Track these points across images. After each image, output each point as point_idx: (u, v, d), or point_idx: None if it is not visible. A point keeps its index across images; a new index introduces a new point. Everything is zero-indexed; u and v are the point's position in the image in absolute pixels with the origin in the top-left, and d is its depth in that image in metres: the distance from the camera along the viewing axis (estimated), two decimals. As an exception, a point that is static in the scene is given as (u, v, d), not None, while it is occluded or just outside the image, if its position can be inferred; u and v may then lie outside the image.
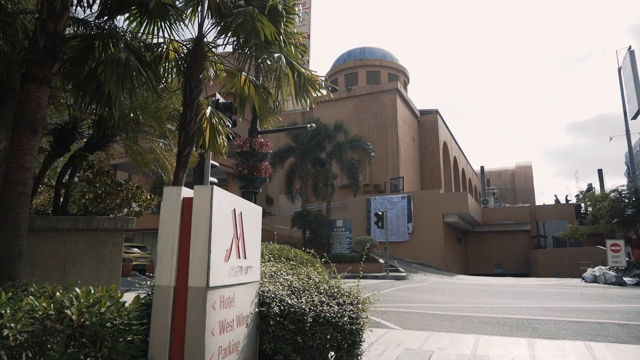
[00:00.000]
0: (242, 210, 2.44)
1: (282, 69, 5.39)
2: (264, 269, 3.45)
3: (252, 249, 2.58)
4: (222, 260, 2.15)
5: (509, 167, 68.67)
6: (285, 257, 4.70)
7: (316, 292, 3.09)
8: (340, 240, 26.21)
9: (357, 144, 27.79)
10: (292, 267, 3.99)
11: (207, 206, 2.04)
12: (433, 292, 13.44)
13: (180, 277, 2.04)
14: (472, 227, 38.80)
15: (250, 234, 2.59)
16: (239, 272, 2.36)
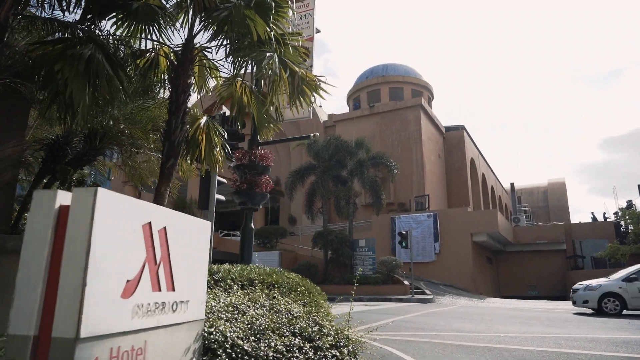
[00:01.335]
0: (166, 226, 1.81)
1: (274, 68, 4.81)
2: (231, 299, 2.78)
3: (187, 278, 1.94)
4: (117, 295, 1.52)
5: (541, 184, 66.14)
6: (274, 283, 4.02)
7: (289, 332, 2.39)
8: (363, 261, 25.25)
9: (379, 160, 27.00)
10: (274, 296, 3.31)
11: (87, 218, 1.42)
12: (460, 317, 12.39)
13: (45, 323, 1.41)
14: (503, 246, 37.03)
15: (186, 258, 1.95)
16: (158, 311, 1.72)
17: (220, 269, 4.12)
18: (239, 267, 4.31)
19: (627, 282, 13.41)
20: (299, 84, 5.21)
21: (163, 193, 4.91)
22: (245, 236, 6.32)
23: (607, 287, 13.69)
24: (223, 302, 2.73)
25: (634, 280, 13.33)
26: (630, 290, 13.17)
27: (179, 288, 1.87)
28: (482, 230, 29.73)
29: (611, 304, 13.45)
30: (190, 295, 1.95)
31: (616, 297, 13.42)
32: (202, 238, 2.11)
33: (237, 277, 3.95)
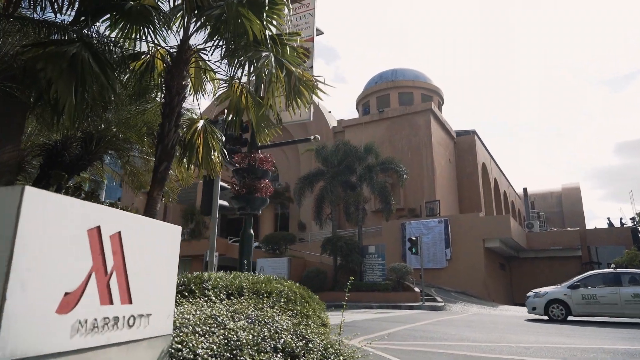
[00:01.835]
0: (121, 230, 1.61)
1: (270, 68, 4.62)
2: (212, 311, 2.58)
3: (149, 289, 1.74)
4: (50, 310, 1.33)
5: (554, 189, 65.07)
6: (268, 292, 3.81)
7: (270, 348, 2.17)
8: (372, 268, 24.90)
9: (389, 166, 26.70)
10: (262, 307, 3.09)
11: (11, 221, 1.23)
12: (471, 326, 12.03)
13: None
14: (517, 252, 36.34)
15: (148, 266, 1.75)
16: (108, 327, 1.52)
17: (211, 276, 3.92)
18: (231, 274, 4.11)
19: (572, 290, 13.89)
20: (296, 84, 5.02)
21: (155, 198, 4.74)
22: (244, 242, 6.12)
23: (553, 294, 14.22)
24: (205, 313, 2.53)
25: (578, 288, 13.81)
26: (575, 297, 13.68)
27: (137, 300, 1.67)
28: (494, 236, 29.20)
29: (557, 310, 13.96)
30: (152, 308, 1.75)
31: (561, 303, 13.93)
32: (169, 244, 1.91)
33: (227, 285, 3.74)
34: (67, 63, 3.72)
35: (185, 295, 3.51)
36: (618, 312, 13.13)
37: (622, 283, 13.35)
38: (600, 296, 13.32)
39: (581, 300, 13.59)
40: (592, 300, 13.42)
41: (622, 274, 13.77)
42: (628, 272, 13.98)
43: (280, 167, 42.98)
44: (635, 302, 12.80)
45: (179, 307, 2.65)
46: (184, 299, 3.18)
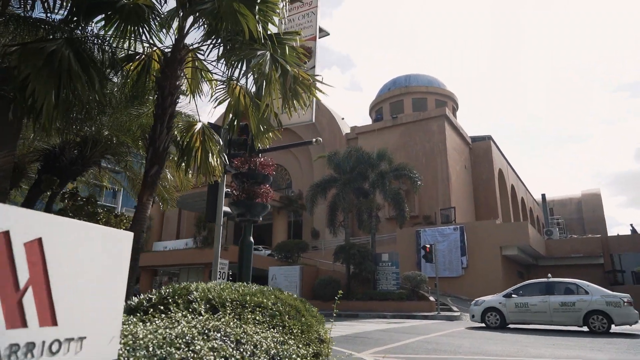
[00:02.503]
0: (42, 236, 1.35)
1: (264, 67, 4.37)
2: (180, 330, 2.29)
3: (84, 306, 1.47)
4: None
5: (574, 195, 63.56)
6: (258, 305, 3.52)
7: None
8: (386, 276, 24.40)
9: (402, 172, 26.26)
10: (245, 323, 2.80)
11: None
12: (488, 338, 11.52)
13: None
14: (535, 260, 35.35)
15: (83, 280, 1.48)
16: (17, 355, 1.25)
17: (199, 287, 3.65)
18: (220, 285, 3.82)
19: (507, 298, 14.41)
20: (292, 84, 4.76)
21: (145, 203, 4.51)
22: (243, 251, 5.85)
23: (490, 302, 14.81)
24: (175, 331, 2.25)
25: (512, 297, 14.32)
26: (508, 306, 14.21)
27: (65, 321, 1.40)
28: (512, 243, 28.44)
29: (492, 317, 14.48)
30: (88, 330, 1.47)
31: (497, 311, 14.44)
32: (115, 253, 1.63)
33: (215, 297, 3.46)
34: (44, 60, 3.52)
35: (169, 308, 3.24)
36: (547, 320, 13.60)
37: (554, 292, 13.79)
38: (532, 305, 13.80)
39: (514, 308, 14.09)
40: (524, 309, 13.91)
41: (554, 284, 14.20)
42: (559, 282, 14.35)
43: (293, 174, 42.83)
44: (562, 311, 13.27)
45: (147, 325, 2.38)
46: (162, 314, 2.90)
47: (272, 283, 27.23)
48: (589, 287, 13.54)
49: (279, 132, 5.92)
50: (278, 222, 38.77)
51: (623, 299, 12.74)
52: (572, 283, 14.00)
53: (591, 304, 12.91)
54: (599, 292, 13.29)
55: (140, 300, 3.51)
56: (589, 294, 13.21)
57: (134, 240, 4.43)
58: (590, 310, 12.88)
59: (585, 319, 12.93)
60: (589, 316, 12.89)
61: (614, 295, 13.09)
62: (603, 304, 12.80)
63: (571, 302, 13.22)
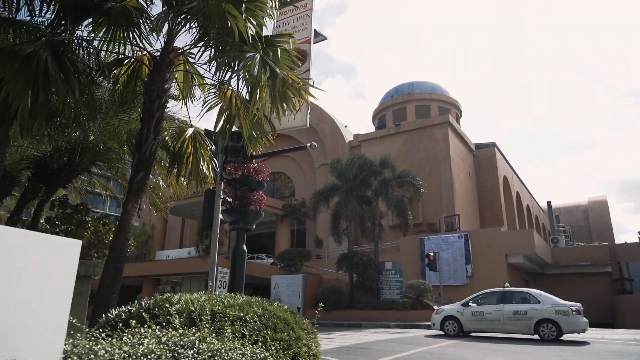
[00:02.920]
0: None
1: (252, 69, 4.22)
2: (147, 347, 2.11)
3: (14, 325, 1.29)
4: None
5: (580, 203, 62.97)
6: (242, 317, 3.33)
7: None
8: (389, 285, 24.08)
9: (405, 179, 26.05)
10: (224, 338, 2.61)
11: None
12: (492, 349, 11.23)
13: None
14: (542, 268, 34.87)
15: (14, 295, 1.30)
16: None
17: (181, 299, 3.47)
18: (204, 296, 3.64)
19: (464, 307, 14.76)
20: (281, 87, 4.60)
21: (130, 210, 4.36)
22: (236, 260, 5.66)
23: (448, 311, 15.16)
24: (142, 350, 2.06)
25: (469, 305, 14.67)
26: (465, 314, 14.56)
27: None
28: (517, 251, 28.05)
29: (451, 326, 14.79)
30: (21, 352, 1.30)
31: (455, 320, 14.75)
32: (58, 264, 1.46)
33: (197, 309, 3.28)
34: (20, 63, 3.38)
35: (145, 322, 3.05)
36: (501, 328, 14.00)
37: (510, 301, 14.15)
38: (487, 313, 14.17)
39: (471, 317, 14.43)
40: (480, 317, 14.27)
41: (509, 293, 14.59)
42: (514, 291, 14.77)
43: (296, 182, 42.69)
44: (515, 319, 13.61)
45: (113, 341, 2.20)
46: (133, 329, 2.72)
47: (275, 292, 26.94)
48: (541, 297, 13.93)
49: (272, 137, 5.78)
50: (281, 230, 38.56)
51: (572, 308, 13.15)
52: (526, 292, 14.46)
53: (542, 313, 13.27)
54: (550, 301, 13.64)
55: (118, 313, 3.34)
56: (541, 303, 13.57)
57: (118, 250, 4.28)
58: (541, 318, 13.23)
59: (536, 327, 13.25)
60: (540, 324, 13.21)
61: (563, 304, 13.44)
62: (553, 312, 13.17)
63: (523, 311, 13.58)
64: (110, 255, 4.13)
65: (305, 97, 4.96)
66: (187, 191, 6.85)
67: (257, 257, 33.65)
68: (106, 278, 3.99)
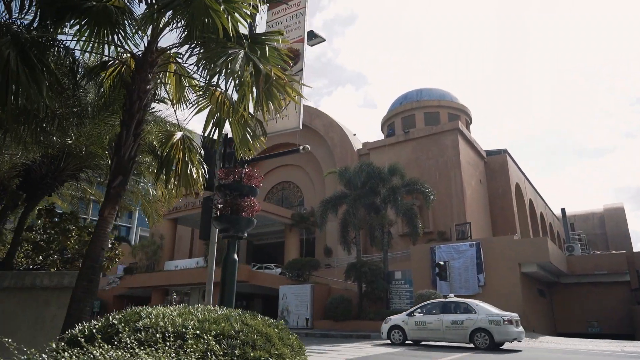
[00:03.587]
0: None
1: (234, 65, 3.97)
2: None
3: None
4: None
5: (596, 210, 61.63)
6: (219, 333, 3.03)
7: None
8: (399, 295, 23.61)
9: (414, 187, 25.63)
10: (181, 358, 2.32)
11: None
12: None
13: None
14: (557, 278, 33.96)
15: None
16: None
17: (151, 313, 3.18)
18: (175, 310, 3.36)
19: (409, 317, 15.58)
20: (264, 83, 4.33)
21: (107, 218, 4.10)
22: (226, 269, 5.38)
23: (395, 320, 15.95)
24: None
25: (414, 315, 15.48)
26: (410, 324, 15.37)
27: None
28: (531, 260, 27.29)
29: (396, 335, 15.56)
30: None
31: (400, 329, 15.55)
32: None
33: (169, 325, 2.99)
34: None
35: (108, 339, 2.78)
36: (441, 337, 14.73)
37: (451, 311, 14.85)
38: (428, 323, 14.93)
39: (414, 326, 15.19)
40: (422, 327, 15.03)
41: (450, 303, 15.35)
42: (454, 302, 15.50)
43: (305, 192, 42.44)
44: (453, 328, 14.31)
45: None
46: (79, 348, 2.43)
47: (283, 302, 26.58)
48: (477, 307, 14.61)
49: (264, 141, 5.51)
50: (290, 240, 38.26)
51: (504, 318, 13.82)
52: (464, 303, 15.14)
53: (477, 323, 14.00)
54: (485, 311, 14.31)
55: (81, 328, 3.06)
56: (476, 313, 14.23)
57: (92, 260, 4.03)
58: (476, 328, 13.94)
59: (471, 336, 13.95)
60: (475, 333, 13.92)
61: (497, 314, 14.10)
62: (486, 322, 13.86)
63: (460, 321, 14.31)
64: (83, 266, 3.89)
65: (291, 95, 4.69)
66: (176, 198, 6.62)
67: (266, 267, 33.36)
68: (78, 290, 3.74)
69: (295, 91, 4.76)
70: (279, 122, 5.77)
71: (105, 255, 5.75)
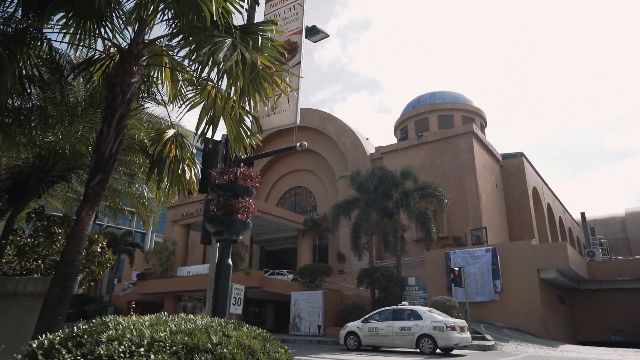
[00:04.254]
0: None
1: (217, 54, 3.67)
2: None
3: None
4: None
5: (617, 214, 59.92)
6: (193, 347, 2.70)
7: None
8: (413, 301, 22.98)
9: (428, 191, 25.09)
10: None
11: None
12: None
13: None
14: (577, 284, 32.88)
15: None
16: None
17: (120, 323, 2.87)
18: (148, 320, 3.04)
19: (364, 323, 16.37)
20: (250, 72, 4.01)
21: (84, 219, 3.82)
22: (220, 275, 5.04)
23: (351, 327, 16.78)
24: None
25: (368, 322, 16.23)
26: (363, 330, 16.10)
27: None
28: (550, 265, 26.42)
29: (352, 340, 16.34)
30: None
31: (355, 335, 16.29)
32: None
33: (135, 337, 2.67)
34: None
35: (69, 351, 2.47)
36: (390, 342, 15.51)
37: (401, 318, 15.47)
38: (380, 329, 15.64)
39: (368, 332, 15.91)
40: (374, 333, 15.74)
41: (401, 310, 16.06)
42: (404, 309, 16.15)
43: (317, 197, 42.10)
44: (402, 334, 15.02)
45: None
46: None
47: (295, 309, 26.18)
48: (424, 314, 15.23)
49: (259, 138, 5.20)
50: (303, 245, 37.91)
51: (447, 325, 14.37)
52: (414, 310, 15.88)
53: (422, 329, 14.62)
54: (431, 318, 14.89)
55: (40, 341, 2.76)
56: (423, 320, 14.85)
57: (66, 265, 3.75)
58: (421, 334, 14.58)
59: (417, 342, 14.59)
60: (420, 339, 14.55)
61: (440, 321, 14.66)
62: (431, 328, 14.44)
63: (408, 327, 14.99)
64: (57, 271, 3.62)
65: (280, 86, 4.37)
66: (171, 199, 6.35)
67: (278, 272, 33.04)
68: (50, 297, 3.47)
69: (284, 82, 4.45)
70: (275, 118, 5.47)
71: (98, 260, 5.49)
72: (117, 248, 41.20)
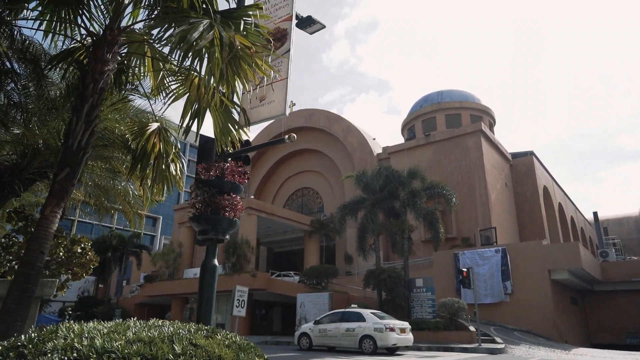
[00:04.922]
0: None
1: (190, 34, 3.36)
2: None
3: None
4: None
5: (631, 214, 58.75)
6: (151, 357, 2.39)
7: None
8: (421, 303, 22.54)
9: (435, 190, 24.59)
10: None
11: None
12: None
13: None
14: (590, 285, 32.10)
15: None
16: None
17: (70, 331, 2.57)
18: (106, 327, 2.73)
19: (315, 325, 17.22)
20: (228, 54, 3.68)
21: (49, 216, 3.52)
22: (204, 277, 4.73)
23: (304, 328, 17.75)
24: None
25: (319, 324, 17.09)
26: (314, 331, 16.98)
27: None
28: (562, 266, 25.76)
29: (304, 341, 17.24)
30: None
31: (307, 336, 17.17)
32: None
33: (83, 348, 2.37)
34: None
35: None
36: (337, 343, 16.33)
37: (348, 319, 16.29)
38: (329, 330, 16.52)
39: (318, 333, 16.80)
40: (324, 333, 16.62)
41: (348, 312, 16.93)
42: (351, 311, 16.97)
43: (324, 198, 41.74)
44: (347, 335, 15.90)
45: None
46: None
47: (301, 311, 25.83)
48: (367, 316, 16.01)
49: (247, 130, 4.89)
50: (310, 247, 37.57)
51: (386, 326, 15.13)
52: (358, 312, 16.60)
53: (365, 330, 15.44)
54: (373, 320, 15.65)
55: (-18, 350, 2.46)
56: (366, 322, 15.67)
57: (27, 266, 3.47)
58: (364, 335, 15.39)
59: (360, 342, 15.39)
60: (363, 340, 15.36)
61: (380, 322, 15.43)
62: (372, 330, 15.25)
63: (352, 328, 15.83)
64: (17, 272, 3.34)
65: (259, 68, 4.04)
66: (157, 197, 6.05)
67: (285, 274, 32.72)
68: (8, 301, 3.19)
69: (267, 64, 4.14)
70: (264, 109, 5.16)
71: (79, 261, 5.21)
72: (125, 250, 41.21)
